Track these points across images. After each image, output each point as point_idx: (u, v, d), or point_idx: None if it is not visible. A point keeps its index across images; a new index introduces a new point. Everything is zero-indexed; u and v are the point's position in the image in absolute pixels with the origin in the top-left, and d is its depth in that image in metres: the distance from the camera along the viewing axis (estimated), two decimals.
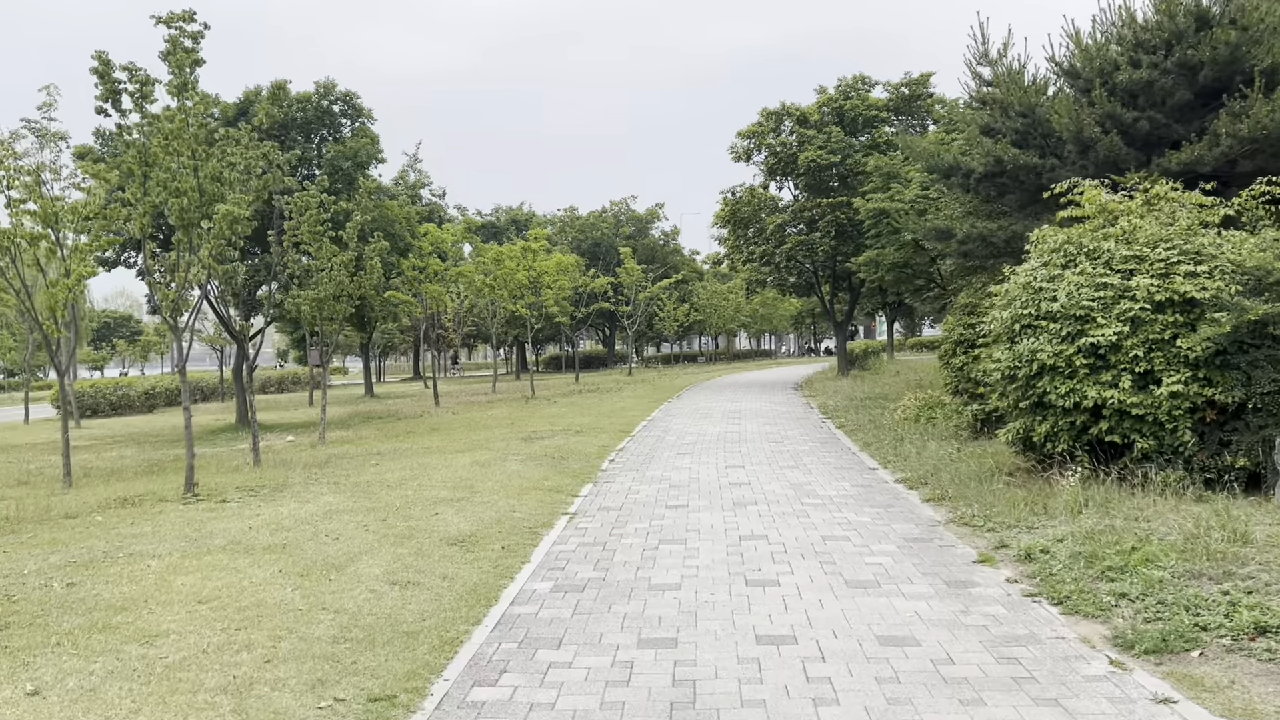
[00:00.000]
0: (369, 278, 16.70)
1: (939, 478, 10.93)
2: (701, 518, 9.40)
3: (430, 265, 24.59)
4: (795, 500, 10.19)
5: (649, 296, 44.68)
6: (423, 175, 35.42)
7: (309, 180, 19.79)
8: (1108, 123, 12.55)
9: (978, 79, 14.98)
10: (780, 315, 66.15)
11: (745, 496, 10.49)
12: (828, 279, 31.66)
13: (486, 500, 10.45)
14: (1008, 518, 8.60)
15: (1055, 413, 9.36)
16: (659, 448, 15.23)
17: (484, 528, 9.04)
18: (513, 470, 12.67)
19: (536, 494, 10.90)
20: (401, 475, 12.55)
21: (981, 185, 14.55)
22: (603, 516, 9.67)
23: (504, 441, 16.24)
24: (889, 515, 9.26)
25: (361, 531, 8.94)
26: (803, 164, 27.70)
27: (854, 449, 14.37)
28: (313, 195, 16.11)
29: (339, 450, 15.86)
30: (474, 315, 40.50)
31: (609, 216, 59.76)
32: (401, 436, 18.11)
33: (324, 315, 16.54)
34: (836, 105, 28.94)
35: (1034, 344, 9.43)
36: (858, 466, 12.61)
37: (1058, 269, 9.78)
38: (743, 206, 30.68)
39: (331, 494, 11.19)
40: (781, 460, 13.34)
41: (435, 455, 14.64)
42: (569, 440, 16.16)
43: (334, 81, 21.80)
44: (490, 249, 30.10)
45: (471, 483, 11.66)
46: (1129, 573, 6.53)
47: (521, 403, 26.59)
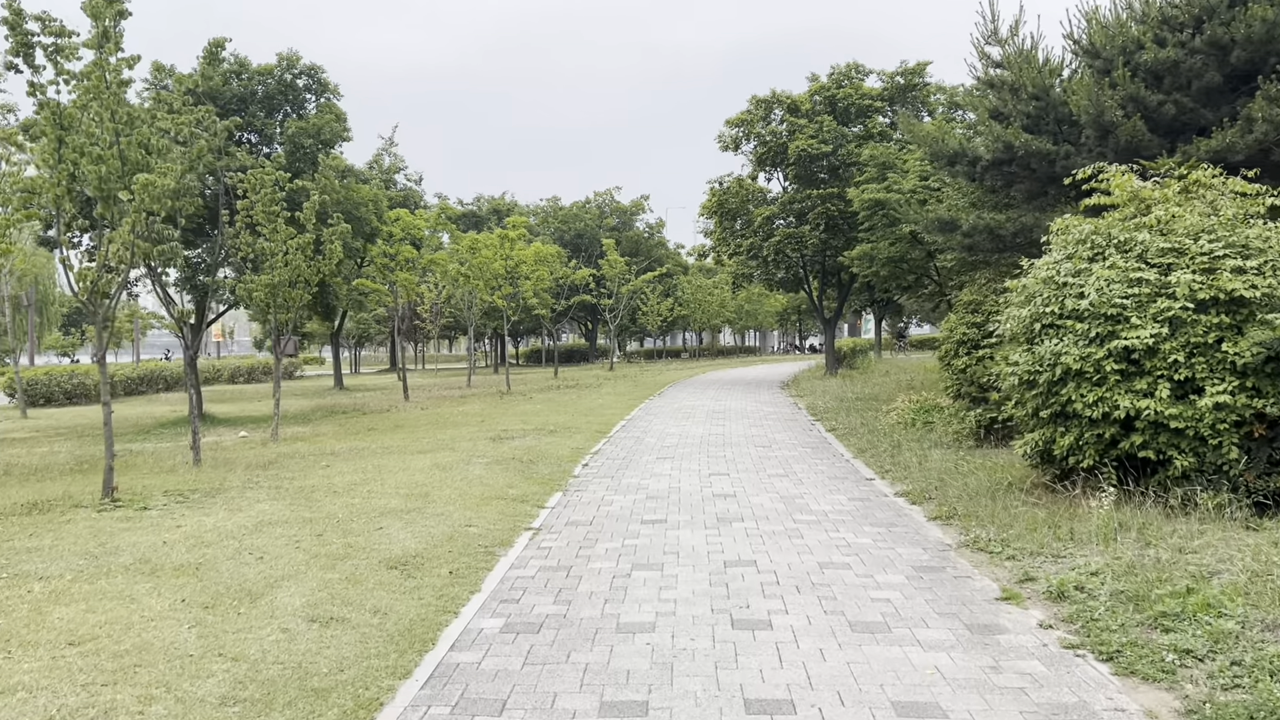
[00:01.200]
0: (328, 262, 15.48)
1: (945, 491, 9.89)
2: (681, 537, 8.31)
3: (402, 253, 23.36)
4: (786, 516, 9.12)
5: (632, 290, 43.51)
6: (398, 159, 34.15)
7: (267, 158, 18.52)
8: (1130, 106, 11.54)
9: (985, 60, 13.94)
10: (765, 311, 65.14)
11: (730, 511, 9.40)
12: (816, 274, 30.61)
13: (440, 512, 9.32)
14: (1029, 543, 7.56)
15: (1080, 423, 8.33)
16: (637, 451, 14.13)
17: (432, 546, 7.91)
18: (475, 475, 11.54)
19: (498, 504, 9.77)
20: (352, 480, 11.38)
21: (988, 173, 13.52)
22: (570, 533, 8.56)
23: (471, 442, 15.08)
24: (892, 537, 8.20)
25: (291, 549, 7.79)
26: (793, 154, 26.60)
27: (847, 455, 13.32)
28: (267, 172, 14.87)
29: (290, 449, 14.66)
30: (451, 306, 39.25)
31: (593, 208, 58.48)
32: (362, 434, 16.92)
33: (278, 302, 15.31)
34: (829, 94, 27.87)
35: (1057, 346, 8.39)
36: (853, 476, 11.55)
37: (1084, 262, 8.74)
38: (730, 197, 29.57)
39: (269, 501, 10.02)
40: (769, 467, 12.27)
41: (393, 456, 13.47)
42: (541, 441, 15.03)
43: (298, 54, 20.42)
44: (466, 237, 28.89)
45: (427, 490, 10.52)
46: (1189, 621, 5.48)
47: (496, 398, 25.41)
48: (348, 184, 21.67)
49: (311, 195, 15.13)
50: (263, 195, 14.95)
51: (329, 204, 17.98)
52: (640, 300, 53.37)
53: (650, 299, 53.79)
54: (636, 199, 59.47)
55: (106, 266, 9.45)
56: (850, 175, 27.78)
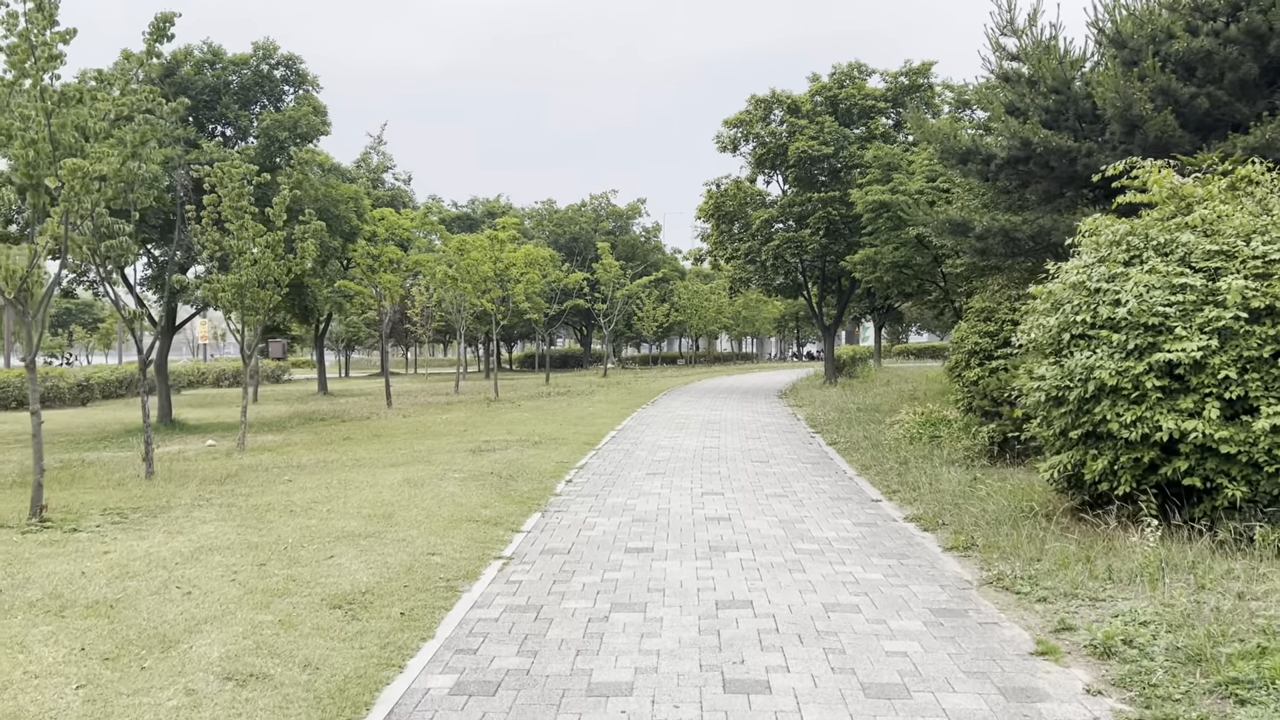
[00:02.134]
0: (300, 262, 14.57)
1: (959, 517, 9.00)
2: (669, 570, 7.40)
3: (386, 253, 22.46)
4: (786, 545, 8.22)
5: (627, 294, 42.64)
6: (386, 158, 33.25)
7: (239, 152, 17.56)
8: (1160, 99, 10.67)
9: (1000, 52, 13.08)
10: (763, 318, 64.26)
11: (724, 538, 8.50)
12: (816, 280, 29.74)
13: (403, 537, 8.40)
14: (1061, 582, 6.66)
15: (1116, 445, 7.44)
16: (626, 465, 13.23)
17: (387, 580, 7.00)
18: (447, 493, 10.62)
19: (468, 528, 8.86)
20: (312, 497, 10.47)
21: (1003, 172, 12.66)
22: (545, 563, 7.65)
23: (449, 454, 14.17)
24: (905, 571, 7.30)
25: (225, 583, 6.87)
26: (793, 155, 25.73)
27: (850, 473, 12.42)
28: (235, 165, 13.97)
29: (255, 460, 13.74)
30: (441, 310, 38.36)
31: (588, 211, 57.57)
32: (335, 444, 16.00)
33: (247, 304, 14.40)
34: (830, 94, 27.02)
35: (1090, 359, 7.51)
36: (857, 497, 10.65)
37: (1119, 266, 7.86)
38: (728, 200, 28.69)
39: (216, 522, 9.10)
40: (767, 485, 11.37)
41: (363, 470, 12.55)
42: (524, 454, 14.12)
43: (274, 43, 19.46)
44: (454, 238, 27.98)
45: (392, 510, 9.60)
46: (1266, 689, 4.60)
47: (482, 406, 24.49)
48: (327, 180, 20.78)
49: (282, 189, 14.22)
50: (230, 190, 14.05)
51: (304, 200, 17.09)
52: (636, 305, 52.49)
53: (646, 304, 52.94)
54: (633, 202, 58.68)
55: (35, 259, 8.53)
56: (852, 178, 26.94)
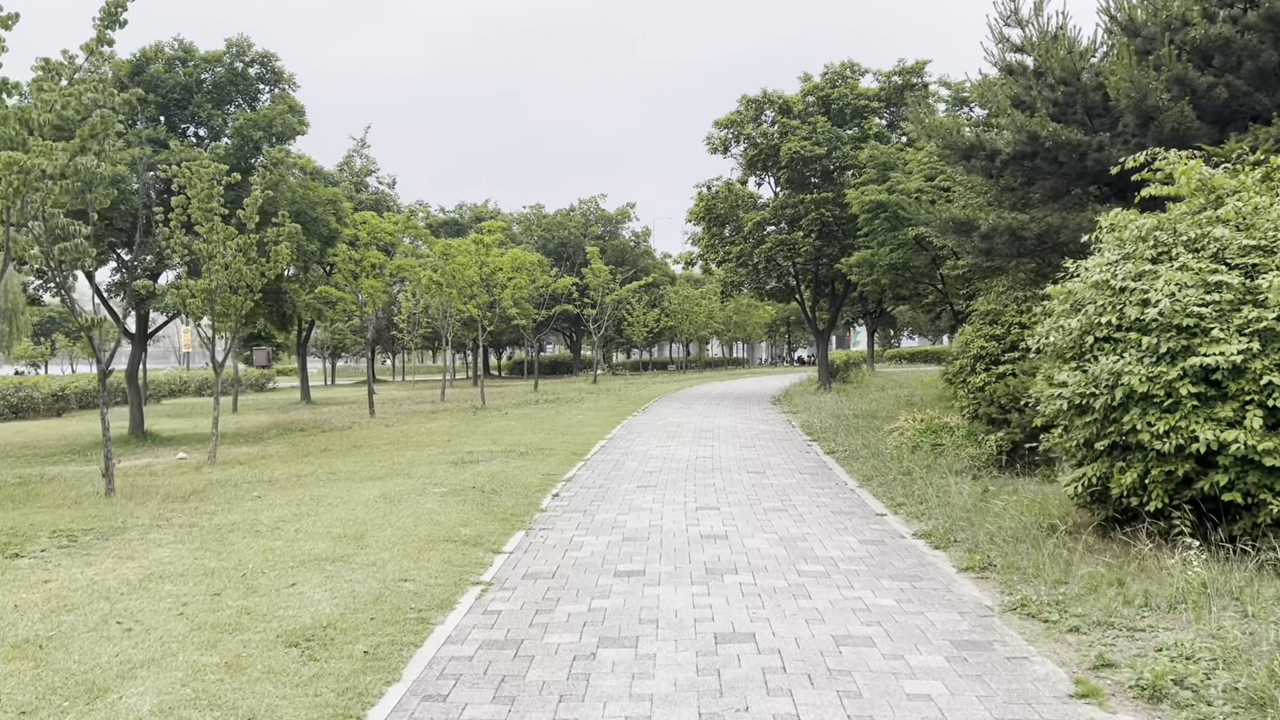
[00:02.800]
0: (273, 266, 13.90)
1: (973, 533, 8.41)
2: (662, 596, 6.78)
3: (368, 258, 21.79)
4: (788, 565, 7.61)
5: (617, 300, 42.01)
6: (370, 161, 32.54)
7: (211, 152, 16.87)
8: (1176, 89, 10.14)
9: (1004, 43, 12.55)
10: (754, 323, 63.71)
11: (722, 559, 7.88)
12: (809, 283, 29.18)
13: (373, 560, 7.75)
14: (1091, 608, 6.08)
15: (1146, 458, 6.86)
16: (616, 477, 12.60)
17: (352, 611, 6.35)
18: (425, 510, 9.97)
19: (446, 549, 8.22)
20: (281, 515, 9.81)
21: (1009, 169, 12.11)
22: (527, 590, 7.02)
23: (430, 466, 13.52)
24: (920, 596, 6.69)
25: (172, 616, 6.22)
26: (785, 156, 25.17)
27: (851, 484, 11.83)
28: (203, 165, 13.30)
29: (226, 474, 13.05)
30: (428, 316, 37.69)
31: (577, 215, 56.93)
32: (313, 456, 15.32)
33: (217, 310, 13.72)
34: (823, 94, 26.50)
35: (1117, 363, 6.93)
36: (861, 510, 10.05)
37: (1146, 263, 7.29)
38: (719, 202, 28.12)
39: (173, 544, 8.44)
40: (765, 498, 10.76)
41: (339, 484, 11.89)
42: (509, 466, 13.47)
43: (249, 39, 18.72)
44: (439, 242, 27.31)
45: (365, 530, 8.95)
46: None
47: (468, 414, 23.82)
48: (304, 182, 20.11)
49: (254, 190, 13.56)
50: (199, 190, 13.39)
51: (280, 202, 16.45)
52: (626, 311, 51.88)
53: (636, 309, 52.32)
54: (622, 207, 58.15)
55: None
56: (845, 180, 26.43)
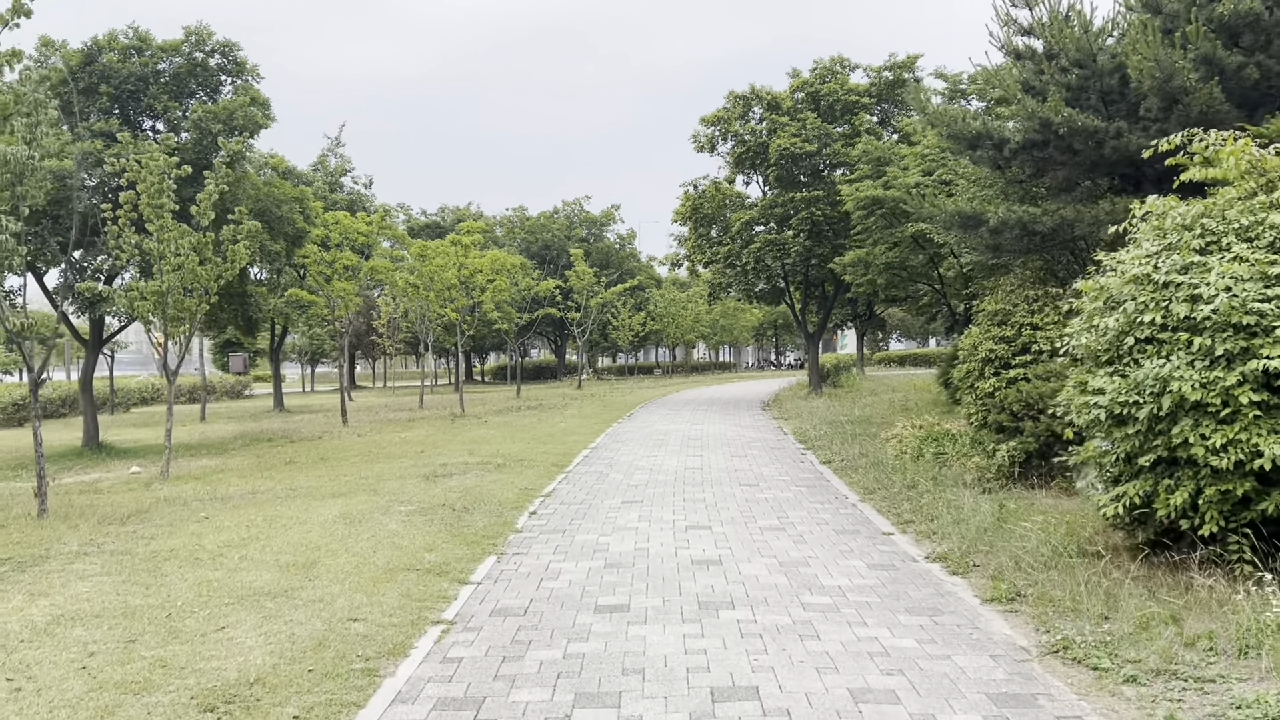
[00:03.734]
0: (230, 267, 12.95)
1: (993, 556, 7.57)
2: (649, 638, 5.90)
3: (340, 260, 20.82)
4: (791, 597, 6.74)
5: (601, 303, 41.12)
6: (345, 160, 31.51)
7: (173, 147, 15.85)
8: (1203, 69, 9.35)
9: (1011, 25, 11.76)
10: (741, 326, 62.94)
11: (716, 590, 7.00)
12: (799, 285, 28.37)
13: (321, 595, 6.84)
14: (1146, 652, 5.25)
15: (1199, 475, 6.04)
16: (599, 492, 11.71)
17: (288, 661, 5.44)
18: (388, 533, 9.05)
19: (406, 580, 7.31)
20: (227, 539, 8.87)
21: (1018, 159, 11.32)
22: (494, 630, 6.12)
23: (399, 480, 12.59)
24: (943, 635, 5.84)
25: (74, 671, 5.29)
26: (774, 153, 24.35)
27: (852, 498, 10.98)
28: (154, 158, 12.34)
29: (176, 491, 12.08)
30: (408, 320, 36.72)
31: (561, 218, 55.99)
32: (275, 469, 14.34)
33: (169, 314, 12.75)
34: (812, 90, 25.71)
35: (1164, 368, 6.11)
36: (865, 529, 9.20)
37: (1193, 254, 6.47)
38: (706, 202, 27.28)
39: (98, 577, 7.49)
40: (760, 515, 9.90)
41: (297, 503, 10.95)
42: (484, 480, 12.56)
43: (209, 28, 17.68)
44: (416, 243, 26.35)
45: (317, 557, 8.03)
46: None
47: (446, 422, 22.86)
48: (268, 178, 19.16)
49: (207, 185, 12.61)
50: (149, 185, 12.42)
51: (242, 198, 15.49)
52: (611, 314, 50.99)
53: (621, 313, 51.44)
54: (607, 209, 57.24)
55: None
56: (835, 178, 25.67)
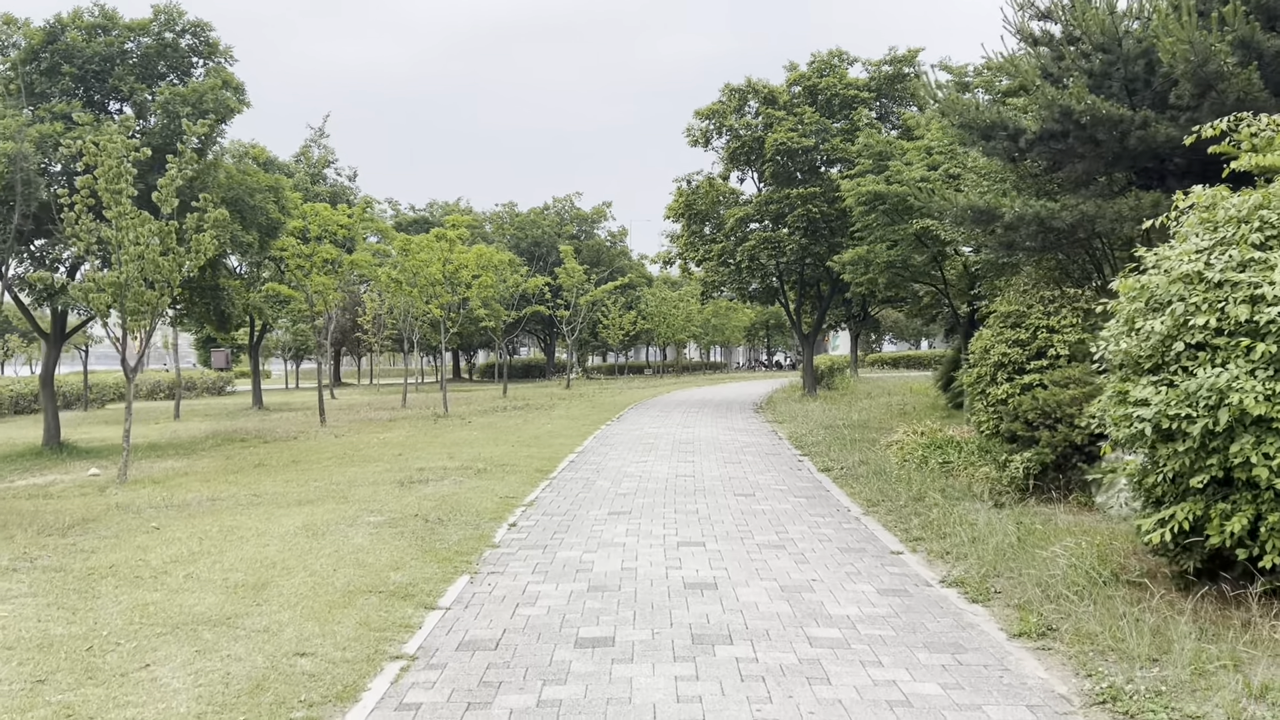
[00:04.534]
0: (195, 258, 12.16)
1: (1016, 581, 6.88)
2: (636, 680, 5.17)
3: (320, 253, 20.00)
4: (796, 629, 6.02)
5: (591, 300, 40.35)
6: (328, 152, 30.61)
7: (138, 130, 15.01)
8: (1240, 53, 8.67)
9: (1028, 9, 11.07)
10: (733, 326, 62.24)
11: (712, 619, 6.27)
12: (794, 285, 27.68)
13: (268, 623, 6.08)
14: (1211, 705, 4.56)
15: (1260, 499, 5.34)
16: (585, 501, 10.97)
17: (216, 709, 4.69)
18: (352, 547, 8.30)
19: (366, 604, 6.56)
20: (175, 553, 8.10)
21: (1034, 150, 10.64)
22: (460, 668, 5.38)
23: (372, 487, 11.82)
24: (971, 678, 5.13)
25: None
26: (770, 148, 23.64)
27: (855, 511, 10.27)
28: (112, 139, 11.54)
29: (132, 497, 11.29)
30: (393, 317, 35.92)
31: (551, 214, 55.15)
32: (242, 473, 13.55)
33: (128, 307, 11.95)
34: (810, 83, 25.01)
35: (1220, 377, 5.41)
36: (872, 547, 8.49)
37: (1251, 250, 5.77)
38: (699, 198, 26.56)
39: (21, 598, 6.72)
40: (758, 530, 9.18)
41: (259, 511, 10.18)
42: (462, 487, 11.80)
43: (179, 6, 16.89)
44: (399, 237, 25.55)
45: (270, 577, 7.28)
46: None
47: (428, 423, 22.07)
48: (241, 165, 18.35)
49: (169, 169, 11.82)
50: (108, 169, 11.62)
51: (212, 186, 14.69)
52: (601, 313, 50.23)
53: (612, 311, 50.69)
54: (598, 205, 56.44)
55: None
56: (833, 176, 25.00)
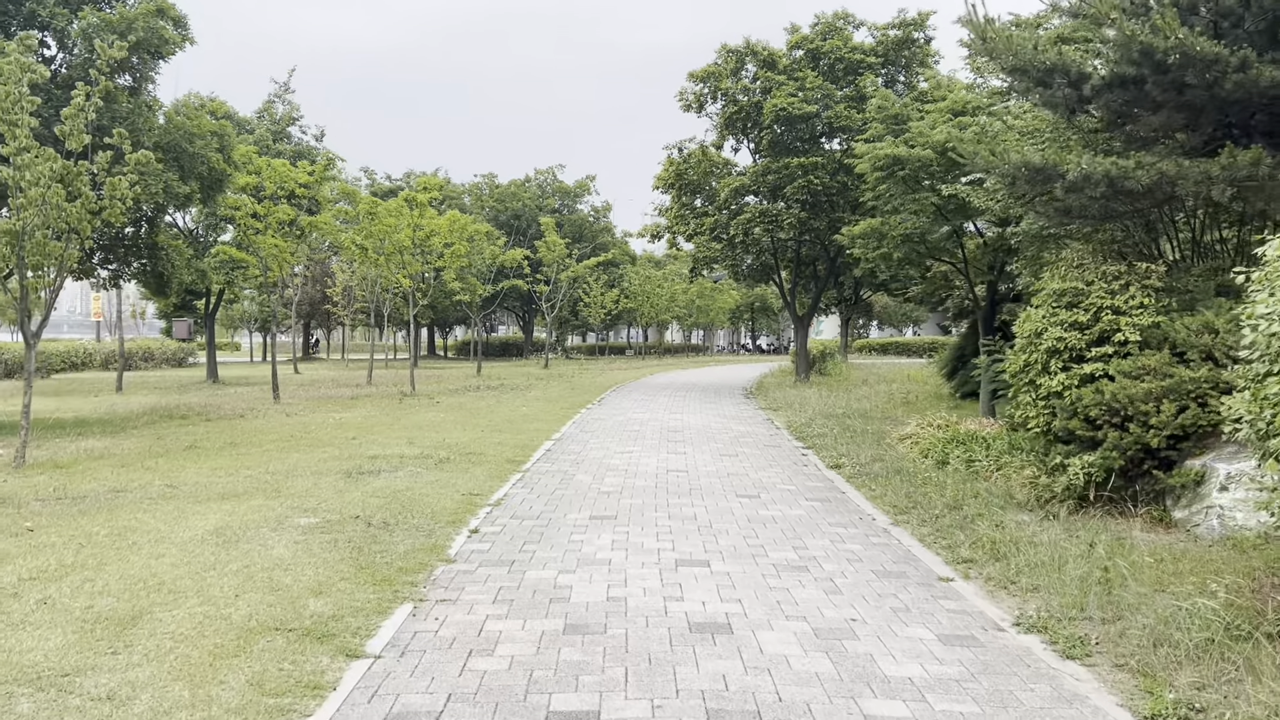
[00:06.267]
0: (110, 206, 10.34)
1: (1120, 630, 5.33)
2: None
3: (275, 214, 18.10)
4: (846, 701, 4.46)
5: (572, 276, 38.55)
6: (293, 108, 28.50)
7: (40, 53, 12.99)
8: None
9: None
10: (718, 308, 60.63)
11: (731, 683, 4.66)
12: (789, 263, 26.04)
13: (121, 680, 4.41)
14: None
15: None
16: (562, 501, 9.34)
17: None
18: (269, 561, 6.61)
19: (268, 649, 4.89)
20: (41, 565, 6.40)
21: (1101, 99, 9.03)
22: None
23: (313, 478, 10.11)
24: None
25: None
26: (769, 114, 21.89)
27: (881, 520, 8.69)
28: (6, 58, 9.67)
29: (21, 485, 9.51)
30: (363, 289, 34.03)
31: (532, 186, 53.11)
32: (168, 456, 11.78)
33: (29, 260, 10.12)
34: (812, 47, 23.26)
35: None
36: (913, 570, 6.91)
37: None
38: (691, 168, 24.81)
39: None
40: (771, 544, 7.58)
41: (168, 507, 8.45)
42: (419, 480, 10.12)
43: None
44: (364, 199, 23.61)
45: (149, 604, 5.59)
46: None
47: (393, 402, 20.30)
48: (179, 106, 16.44)
49: (75, 97, 9.98)
50: (3, 94, 9.75)
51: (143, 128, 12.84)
52: (583, 290, 48.45)
53: (594, 289, 48.92)
54: (582, 179, 54.45)
55: None
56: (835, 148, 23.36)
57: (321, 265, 46.37)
